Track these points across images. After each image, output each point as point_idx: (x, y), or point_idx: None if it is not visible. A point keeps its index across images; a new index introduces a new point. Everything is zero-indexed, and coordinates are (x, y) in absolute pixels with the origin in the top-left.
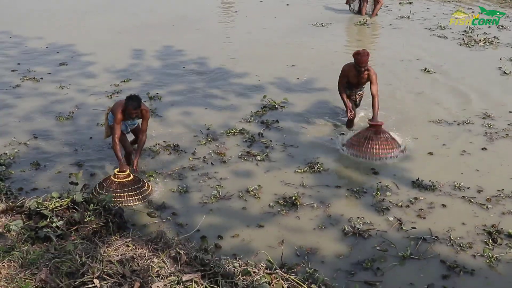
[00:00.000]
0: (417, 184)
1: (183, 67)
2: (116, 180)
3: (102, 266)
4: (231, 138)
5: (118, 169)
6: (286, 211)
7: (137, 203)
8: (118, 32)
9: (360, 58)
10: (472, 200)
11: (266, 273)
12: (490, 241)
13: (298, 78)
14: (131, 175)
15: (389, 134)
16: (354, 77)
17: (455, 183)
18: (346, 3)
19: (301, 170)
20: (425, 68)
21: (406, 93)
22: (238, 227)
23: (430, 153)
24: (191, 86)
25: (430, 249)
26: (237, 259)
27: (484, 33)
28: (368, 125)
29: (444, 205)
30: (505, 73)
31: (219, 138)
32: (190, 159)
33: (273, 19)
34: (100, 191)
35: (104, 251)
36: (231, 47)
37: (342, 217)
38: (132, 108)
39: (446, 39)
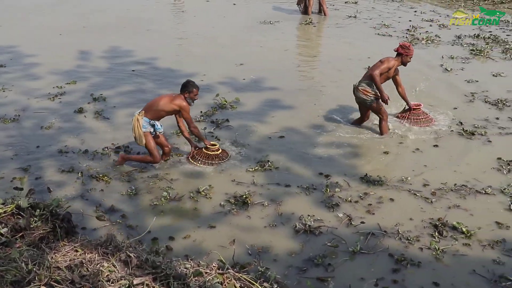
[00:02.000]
0: (366, 180)
1: (133, 70)
2: (209, 152)
3: (50, 273)
4: (181, 138)
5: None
6: (237, 210)
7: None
8: (59, 34)
9: (412, 50)
10: (418, 194)
11: (218, 273)
12: (436, 233)
13: (244, 79)
14: (220, 148)
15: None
16: (392, 72)
17: (403, 177)
18: (297, 4)
19: (252, 168)
20: (368, 67)
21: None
22: (190, 228)
23: (386, 152)
24: (139, 87)
25: (379, 243)
26: (189, 260)
27: (426, 31)
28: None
29: (392, 199)
30: (447, 70)
31: (169, 138)
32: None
33: (221, 18)
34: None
35: (52, 257)
36: (181, 48)
37: (293, 214)
38: (197, 89)
39: (391, 37)
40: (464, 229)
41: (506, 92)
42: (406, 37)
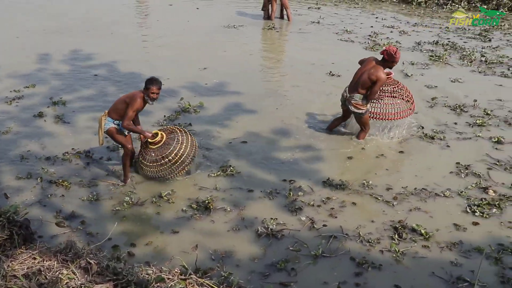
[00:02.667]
0: (328, 184)
1: (95, 75)
2: (154, 147)
3: (6, 281)
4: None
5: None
6: (199, 215)
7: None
8: (16, 37)
9: (398, 58)
10: (379, 198)
11: (181, 279)
12: (396, 236)
13: (206, 84)
14: (163, 134)
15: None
16: None
17: (364, 181)
18: (262, 9)
19: (214, 173)
20: (330, 72)
21: (316, 95)
22: (152, 233)
23: (350, 157)
24: (101, 91)
25: (341, 246)
26: (151, 266)
27: (387, 37)
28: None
29: (354, 203)
30: (407, 75)
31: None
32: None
33: (185, 22)
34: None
35: (8, 265)
36: (144, 51)
37: (256, 219)
38: (158, 87)
39: (353, 43)
40: (423, 231)
41: (464, 97)
42: (368, 43)
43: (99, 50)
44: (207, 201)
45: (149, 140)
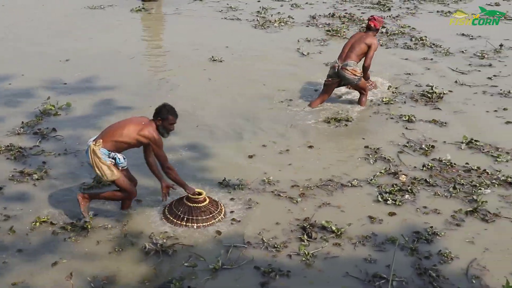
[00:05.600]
0: (225, 185)
1: None
2: (191, 204)
3: None
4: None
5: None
6: (75, 237)
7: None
8: None
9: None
10: (282, 195)
11: None
12: (305, 236)
13: (65, 84)
14: (207, 198)
15: None
16: None
17: (265, 178)
18: None
19: (87, 185)
20: (212, 57)
21: (197, 85)
22: (13, 269)
23: (250, 156)
24: None
25: (243, 255)
26: None
27: (278, 12)
28: None
29: (257, 203)
30: (303, 54)
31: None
32: None
33: (40, 7)
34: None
35: None
36: None
37: (142, 234)
38: (174, 117)
39: (240, 21)
40: (334, 228)
41: None
42: (257, 20)
43: None
44: (83, 220)
45: (191, 196)
